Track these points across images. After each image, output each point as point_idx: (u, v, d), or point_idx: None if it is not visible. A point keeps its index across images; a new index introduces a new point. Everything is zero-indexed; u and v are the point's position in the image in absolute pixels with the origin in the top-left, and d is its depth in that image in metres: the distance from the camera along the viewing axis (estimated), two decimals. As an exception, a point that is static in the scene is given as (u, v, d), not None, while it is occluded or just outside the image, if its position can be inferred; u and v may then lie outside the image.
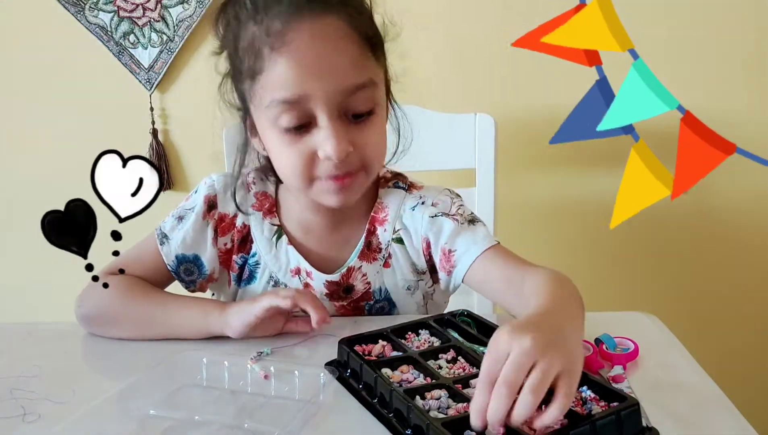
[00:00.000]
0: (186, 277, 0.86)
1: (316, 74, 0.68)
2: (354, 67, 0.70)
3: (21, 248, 1.54)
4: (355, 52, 0.70)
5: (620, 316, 0.83)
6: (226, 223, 0.85)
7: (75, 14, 1.39)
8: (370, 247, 0.85)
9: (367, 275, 0.85)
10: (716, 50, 1.32)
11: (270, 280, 0.86)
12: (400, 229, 0.85)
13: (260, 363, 0.69)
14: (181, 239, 0.84)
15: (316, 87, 0.69)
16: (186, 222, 0.84)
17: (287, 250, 0.85)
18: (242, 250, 0.86)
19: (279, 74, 0.69)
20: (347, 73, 0.70)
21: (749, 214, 1.41)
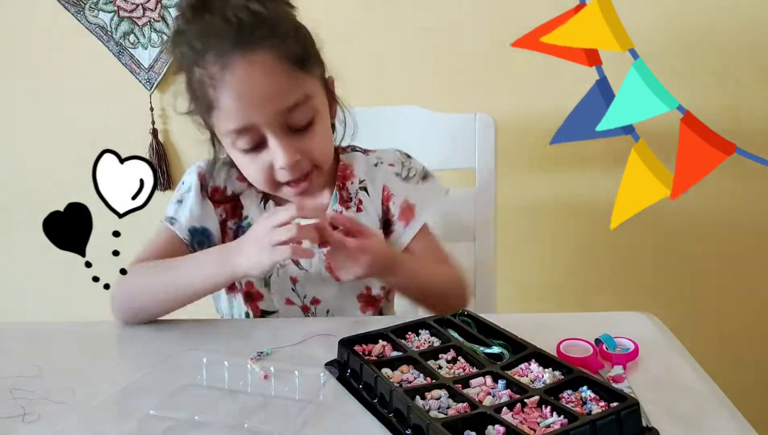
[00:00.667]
0: (200, 247, 0.92)
1: (255, 104, 0.80)
2: (286, 91, 0.80)
3: (21, 248, 1.54)
4: (284, 78, 0.80)
5: (620, 316, 0.83)
6: (219, 194, 0.95)
7: (75, 14, 1.40)
8: (343, 198, 0.96)
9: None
10: (716, 50, 1.32)
11: None
12: (365, 180, 0.97)
13: (260, 363, 0.69)
14: (188, 214, 0.92)
15: (257, 115, 0.80)
16: (187, 201, 0.93)
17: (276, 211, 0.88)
18: (234, 216, 0.95)
19: (225, 109, 0.81)
20: (281, 98, 0.80)
21: (749, 214, 1.41)
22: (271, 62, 0.79)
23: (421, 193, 0.97)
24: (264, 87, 0.79)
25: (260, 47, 0.79)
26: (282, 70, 0.80)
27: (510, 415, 0.55)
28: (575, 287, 1.48)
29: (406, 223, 0.96)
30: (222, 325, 0.91)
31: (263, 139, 0.83)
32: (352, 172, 0.97)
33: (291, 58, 0.80)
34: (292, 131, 0.83)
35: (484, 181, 1.15)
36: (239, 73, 0.79)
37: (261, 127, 0.81)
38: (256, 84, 0.79)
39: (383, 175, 0.97)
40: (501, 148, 1.15)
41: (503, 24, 1.33)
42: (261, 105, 0.80)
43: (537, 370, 0.63)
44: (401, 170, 0.98)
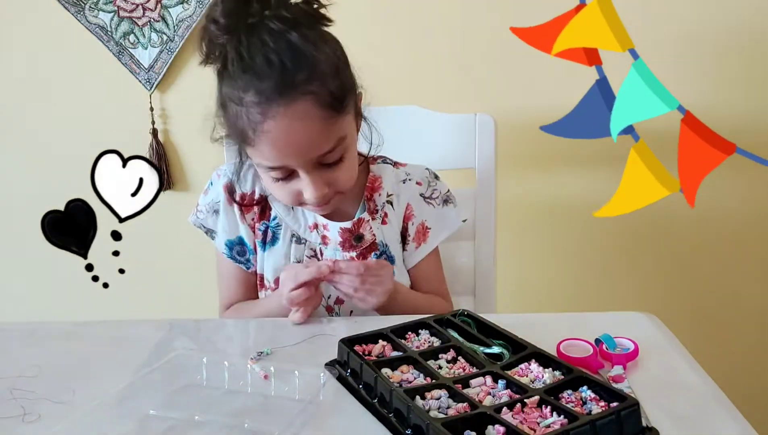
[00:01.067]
0: (241, 257, 0.99)
1: (292, 153, 0.82)
2: (323, 139, 0.82)
3: (21, 248, 1.54)
4: (322, 127, 0.82)
5: (620, 316, 0.83)
6: (247, 200, 0.98)
7: (75, 14, 1.39)
8: (370, 209, 0.99)
9: (373, 228, 0.97)
10: (716, 50, 1.32)
11: (292, 237, 0.97)
12: (392, 195, 1.00)
13: (260, 363, 0.69)
14: (222, 228, 0.98)
15: (293, 160, 0.83)
16: (218, 213, 0.99)
17: (303, 212, 0.97)
18: (263, 218, 0.98)
19: (261, 151, 0.83)
20: (318, 146, 0.82)
21: (749, 214, 1.41)
22: (311, 111, 0.80)
23: (439, 218, 1.01)
24: (303, 138, 0.81)
25: (301, 96, 0.79)
26: (320, 119, 0.81)
27: (510, 415, 0.55)
28: (575, 287, 1.48)
29: (418, 245, 1.00)
30: (222, 325, 0.91)
31: (294, 172, 0.85)
32: (381, 185, 1.00)
33: (329, 103, 0.81)
34: (322, 166, 0.85)
35: (484, 181, 1.15)
36: (280, 123, 0.79)
37: (294, 166, 0.84)
38: (295, 135, 0.81)
39: (409, 193, 1.00)
40: (501, 148, 1.15)
41: (503, 24, 1.32)
42: (298, 154, 0.82)
43: (537, 370, 0.63)
44: (426, 190, 1.01)
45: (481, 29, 1.35)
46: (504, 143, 1.17)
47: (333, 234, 0.96)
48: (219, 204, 0.99)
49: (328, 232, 0.97)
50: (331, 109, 0.81)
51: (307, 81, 0.79)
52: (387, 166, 1.03)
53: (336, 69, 0.83)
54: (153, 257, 1.46)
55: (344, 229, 0.96)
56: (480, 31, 1.35)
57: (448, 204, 1.02)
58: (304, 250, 0.97)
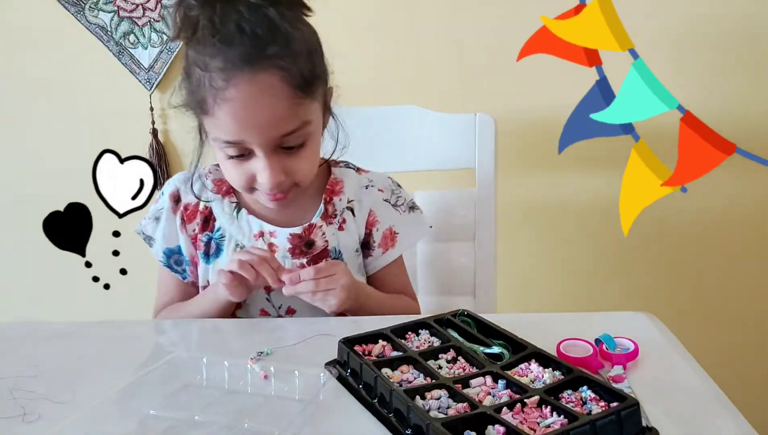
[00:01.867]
0: (177, 267, 0.97)
1: (252, 127, 0.79)
2: (286, 118, 0.79)
3: (21, 248, 1.54)
4: (286, 105, 0.78)
5: (620, 316, 0.83)
6: (190, 211, 0.96)
7: (75, 14, 1.39)
8: (327, 213, 0.95)
9: (326, 234, 0.94)
10: (716, 50, 1.32)
11: (236, 247, 0.94)
12: (353, 201, 0.97)
13: (260, 363, 0.69)
14: (161, 236, 0.96)
15: (252, 136, 0.79)
16: (161, 220, 0.96)
17: (248, 219, 0.95)
18: (206, 229, 0.95)
19: (221, 121, 0.79)
20: (280, 125, 0.79)
21: (749, 214, 1.41)
22: (278, 86, 0.77)
23: (407, 223, 0.99)
24: (265, 113, 0.78)
25: (270, 68, 0.76)
26: (286, 97, 0.78)
27: (510, 415, 0.55)
28: (575, 287, 1.48)
29: (385, 250, 0.98)
30: (222, 325, 0.91)
31: (251, 151, 0.82)
32: (342, 189, 0.97)
33: (297, 83, 0.78)
34: (282, 150, 0.82)
35: (484, 181, 1.15)
36: (242, 92, 0.76)
37: (252, 144, 0.81)
38: (258, 109, 0.78)
39: (372, 199, 0.98)
40: (501, 148, 1.15)
41: (503, 24, 1.33)
42: (258, 130, 0.79)
43: (537, 370, 0.63)
44: (390, 197, 1.00)
45: (482, 29, 1.35)
46: (504, 143, 1.17)
47: (281, 240, 0.93)
48: (162, 211, 0.96)
49: (276, 238, 0.94)
50: (299, 90, 0.78)
51: (278, 55, 0.76)
52: (350, 170, 1.00)
53: (309, 53, 0.81)
54: (153, 257, 1.46)
55: (294, 234, 0.93)
56: (480, 31, 1.35)
57: (414, 210, 1.01)
58: None
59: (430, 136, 1.17)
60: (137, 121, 1.45)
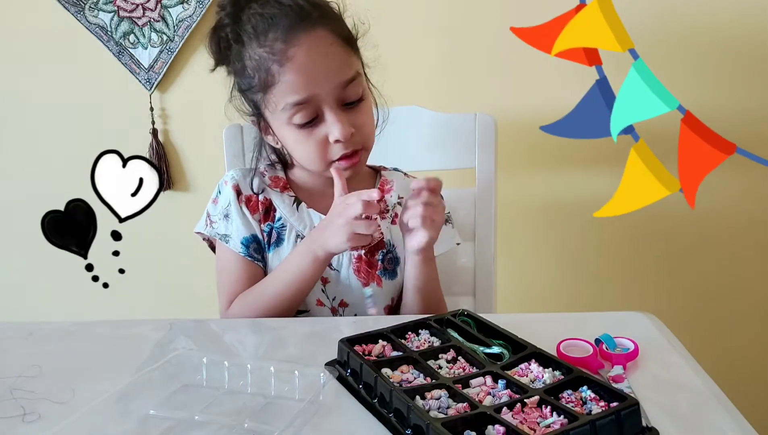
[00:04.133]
0: (258, 255, 0.98)
1: (317, 78, 0.86)
2: (344, 66, 0.88)
3: (21, 248, 1.54)
4: (342, 54, 0.88)
5: (620, 316, 0.83)
6: (253, 202, 0.99)
7: (75, 14, 1.39)
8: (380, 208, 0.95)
9: (380, 226, 0.94)
10: (716, 50, 1.32)
11: (297, 238, 0.97)
12: (402, 198, 1.00)
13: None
14: (236, 229, 0.97)
15: (319, 87, 0.86)
16: (229, 214, 0.98)
17: (308, 212, 0.99)
18: (267, 219, 0.99)
19: (289, 83, 0.86)
20: (340, 72, 0.87)
21: (749, 214, 1.41)
22: (331, 39, 0.86)
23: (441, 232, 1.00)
24: (326, 61, 0.86)
25: (320, 24, 0.86)
26: (339, 46, 0.87)
27: (510, 415, 0.55)
28: (575, 287, 1.48)
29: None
30: (222, 325, 0.91)
31: (319, 114, 0.88)
32: (392, 188, 1.03)
33: (344, 37, 0.88)
34: (346, 106, 0.89)
35: (484, 181, 1.15)
36: (304, 47, 0.85)
37: (320, 100, 0.87)
38: (320, 58, 0.85)
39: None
40: (501, 148, 1.15)
41: (504, 24, 1.33)
42: (323, 77, 0.86)
43: (537, 370, 0.63)
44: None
45: (482, 29, 1.35)
46: (504, 143, 1.17)
47: None
48: (230, 207, 0.98)
49: None
50: (347, 43, 0.88)
51: (322, 17, 0.87)
52: (398, 172, 1.06)
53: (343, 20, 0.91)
54: (153, 257, 1.46)
55: None
56: (480, 31, 1.35)
57: (447, 223, 1.03)
58: None
59: (430, 136, 1.17)
60: (137, 121, 1.45)
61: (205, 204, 1.01)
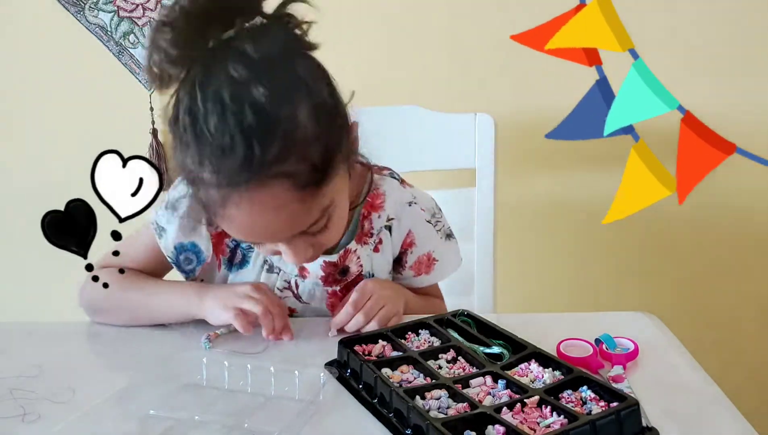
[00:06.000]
0: (186, 265, 0.85)
1: (261, 238, 0.72)
2: (301, 220, 0.69)
3: (21, 248, 1.54)
4: (300, 209, 0.67)
5: (620, 316, 0.83)
6: None
7: (75, 14, 1.39)
8: (362, 230, 0.86)
9: (361, 258, 0.86)
10: (716, 50, 1.32)
11: (264, 263, 0.86)
12: (393, 219, 0.88)
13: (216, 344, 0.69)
14: (177, 227, 0.83)
15: (262, 240, 0.73)
16: (180, 210, 0.82)
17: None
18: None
19: (229, 230, 0.71)
20: (294, 228, 0.69)
21: (749, 214, 1.41)
22: (286, 197, 0.65)
23: (446, 253, 0.92)
24: (275, 226, 0.68)
25: (272, 179, 0.63)
26: (298, 201, 0.66)
27: (510, 415, 0.55)
28: (575, 287, 1.48)
29: (417, 274, 0.91)
30: (222, 325, 0.91)
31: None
32: (382, 204, 0.87)
33: (308, 181, 0.65)
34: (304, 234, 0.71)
35: (484, 181, 1.15)
36: (243, 211, 0.65)
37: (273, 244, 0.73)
38: (265, 223, 0.67)
39: (412, 219, 0.89)
40: (501, 148, 1.15)
41: (503, 24, 1.33)
42: (269, 236, 0.71)
43: (537, 370, 0.63)
44: (431, 219, 0.91)
45: (482, 29, 1.35)
46: (504, 143, 1.17)
47: (314, 267, 0.85)
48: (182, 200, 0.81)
49: (309, 264, 0.84)
50: (312, 186, 0.66)
51: (280, 159, 0.63)
52: (394, 181, 0.89)
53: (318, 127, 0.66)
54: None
55: (328, 262, 0.84)
56: (480, 30, 1.35)
57: (450, 239, 0.93)
58: (275, 281, 0.86)
59: (430, 136, 1.17)
60: (137, 121, 1.45)
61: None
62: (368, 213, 0.87)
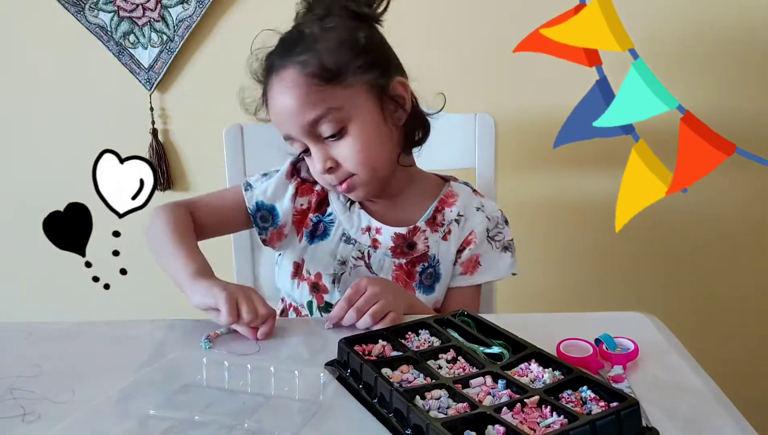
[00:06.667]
0: (261, 222, 1.00)
1: (283, 120, 0.88)
2: (307, 106, 0.85)
3: (21, 248, 1.54)
4: (306, 94, 0.85)
5: (620, 316, 0.83)
6: (306, 186, 1.00)
7: (75, 14, 1.39)
8: (435, 220, 0.98)
9: (429, 240, 0.97)
10: (716, 50, 1.32)
11: (342, 236, 0.98)
12: (462, 216, 0.99)
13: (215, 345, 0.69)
14: (263, 189, 0.99)
15: (288, 128, 0.88)
16: (271, 178, 1.00)
17: (359, 213, 0.98)
18: (318, 211, 1.00)
19: (274, 121, 0.91)
20: (302, 112, 0.86)
21: (749, 214, 1.41)
22: (296, 79, 0.85)
23: (494, 261, 0.99)
24: (288, 103, 0.86)
25: (290, 64, 0.86)
26: (304, 86, 0.85)
27: (510, 415, 0.55)
28: (575, 287, 1.48)
29: (464, 272, 0.99)
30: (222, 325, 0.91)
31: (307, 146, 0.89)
32: (455, 202, 0.99)
33: (317, 73, 0.85)
34: (324, 139, 0.88)
35: (484, 181, 1.15)
36: (272, 89, 0.88)
37: (296, 137, 0.88)
38: (282, 101, 0.87)
39: (477, 222, 0.98)
40: (501, 148, 1.15)
41: (503, 23, 1.33)
42: (287, 119, 0.87)
43: (537, 370, 0.63)
44: (492, 229, 0.99)
45: (481, 29, 1.35)
46: (504, 143, 1.17)
47: (385, 238, 0.96)
48: (276, 172, 1.00)
49: (381, 235, 0.97)
50: (318, 78, 0.85)
51: (300, 52, 0.86)
52: (467, 188, 1.03)
53: (339, 46, 0.86)
54: (153, 257, 1.46)
55: (398, 234, 0.96)
56: (480, 30, 1.35)
57: (506, 251, 1.01)
58: (351, 251, 0.97)
59: (431, 135, 1.16)
60: (137, 121, 1.45)
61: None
62: (442, 207, 0.99)
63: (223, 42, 1.40)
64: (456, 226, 0.98)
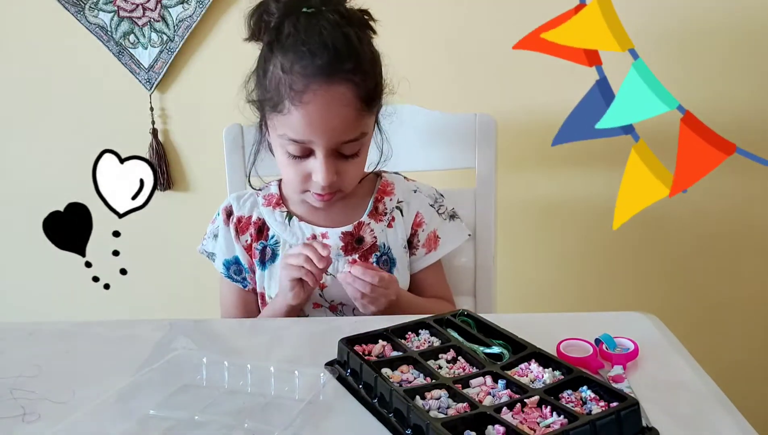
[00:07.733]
0: (237, 276, 1.03)
1: (320, 131, 0.87)
2: (350, 128, 0.88)
3: (21, 248, 1.54)
4: (353, 117, 0.87)
5: (620, 316, 0.83)
6: (243, 223, 1.03)
7: (75, 14, 1.39)
8: (377, 211, 1.02)
9: (374, 231, 1.00)
10: (716, 49, 1.32)
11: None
12: (402, 202, 1.03)
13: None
14: (219, 248, 1.04)
15: (318, 138, 0.87)
16: (217, 233, 1.04)
17: (300, 226, 1.01)
18: (260, 238, 1.02)
19: (292, 122, 0.87)
20: (344, 132, 0.88)
21: (749, 214, 1.41)
22: (349, 97, 0.86)
23: (448, 230, 1.05)
24: (335, 120, 0.86)
25: (344, 81, 0.85)
26: (354, 107, 0.87)
27: (510, 415, 0.55)
28: (575, 287, 1.48)
29: (428, 251, 1.03)
30: (222, 325, 0.91)
31: (311, 152, 0.90)
32: (393, 191, 1.04)
33: (364, 96, 0.87)
34: (339, 155, 0.90)
35: (484, 181, 1.15)
36: (319, 98, 0.85)
37: (315, 146, 0.88)
38: (330, 115, 0.86)
39: (419, 202, 1.04)
40: (501, 148, 1.15)
41: (503, 24, 1.33)
42: (325, 132, 0.87)
43: (537, 370, 0.63)
44: (435, 203, 1.05)
45: (481, 29, 1.35)
46: (504, 143, 1.17)
47: (333, 240, 0.99)
48: (218, 228, 1.04)
49: (328, 239, 0.99)
50: (365, 103, 0.88)
51: (353, 71, 0.85)
52: (399, 176, 1.08)
53: (374, 71, 0.90)
54: (153, 257, 1.46)
55: (346, 232, 0.99)
56: (480, 30, 1.35)
57: (454, 219, 1.06)
58: None
59: (430, 136, 1.17)
60: (137, 121, 1.45)
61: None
62: (381, 197, 1.03)
63: (223, 42, 1.40)
64: (398, 213, 1.02)
